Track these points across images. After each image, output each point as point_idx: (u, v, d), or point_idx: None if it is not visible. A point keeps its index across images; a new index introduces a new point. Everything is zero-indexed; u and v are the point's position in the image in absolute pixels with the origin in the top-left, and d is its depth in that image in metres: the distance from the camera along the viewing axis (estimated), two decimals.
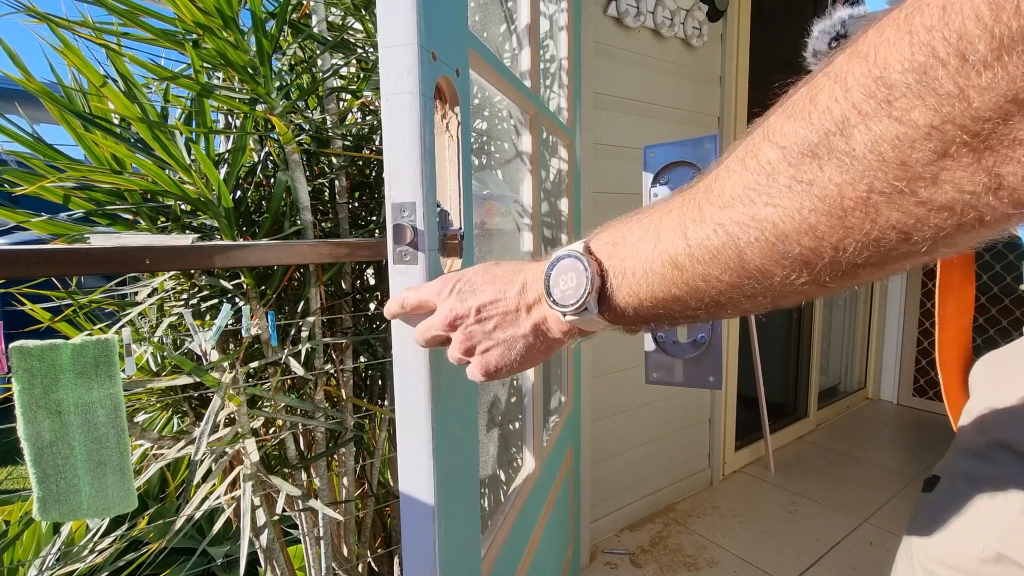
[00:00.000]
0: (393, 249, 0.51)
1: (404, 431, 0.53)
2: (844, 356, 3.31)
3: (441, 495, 0.54)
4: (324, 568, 1.14)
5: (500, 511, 0.92)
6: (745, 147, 0.27)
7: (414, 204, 0.49)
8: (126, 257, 0.69)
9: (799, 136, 0.23)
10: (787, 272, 0.26)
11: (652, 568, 1.75)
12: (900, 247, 0.23)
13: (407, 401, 0.53)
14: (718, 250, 0.28)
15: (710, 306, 0.31)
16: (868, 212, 0.22)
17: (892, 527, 1.94)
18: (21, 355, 0.66)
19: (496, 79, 0.80)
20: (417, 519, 0.54)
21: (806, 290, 0.27)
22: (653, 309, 0.33)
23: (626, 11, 1.69)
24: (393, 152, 0.50)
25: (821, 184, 0.23)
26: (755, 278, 0.27)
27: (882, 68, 0.20)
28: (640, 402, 1.97)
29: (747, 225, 0.26)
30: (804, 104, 0.24)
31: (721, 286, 0.29)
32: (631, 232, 0.33)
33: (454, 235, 0.55)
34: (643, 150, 0.50)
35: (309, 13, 1.16)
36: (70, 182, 0.93)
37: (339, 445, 1.17)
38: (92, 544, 1.08)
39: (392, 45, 0.48)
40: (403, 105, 0.48)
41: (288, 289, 1.14)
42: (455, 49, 0.57)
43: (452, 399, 0.57)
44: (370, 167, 1.33)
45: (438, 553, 0.54)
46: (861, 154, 0.21)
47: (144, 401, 1.10)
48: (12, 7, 0.90)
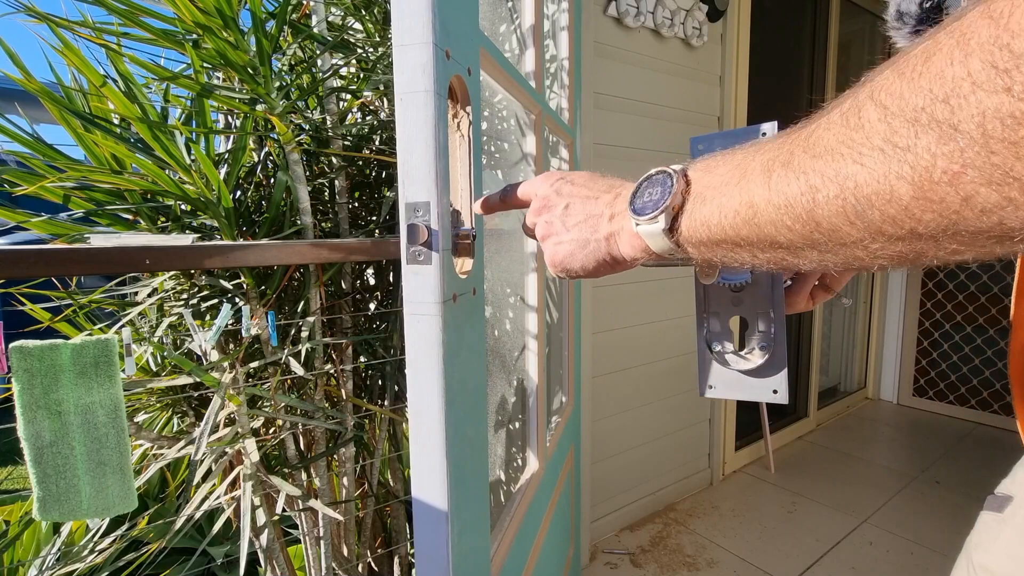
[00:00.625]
0: (407, 249, 0.50)
1: (418, 433, 0.53)
2: (844, 356, 3.31)
3: (454, 498, 0.54)
4: (324, 568, 1.14)
5: (506, 512, 0.92)
6: (852, 101, 0.25)
7: (428, 204, 0.49)
8: (126, 257, 0.69)
9: (904, 99, 0.22)
10: (861, 235, 0.25)
11: (652, 568, 1.75)
12: (992, 231, 0.21)
13: (421, 404, 0.52)
14: (795, 198, 0.27)
15: (777, 252, 0.30)
16: (960, 189, 0.21)
17: (892, 527, 1.94)
18: (21, 355, 0.66)
19: (504, 79, 0.80)
20: (430, 522, 0.54)
21: (884, 255, 0.26)
22: (722, 244, 0.32)
23: (626, 11, 1.69)
24: (407, 151, 0.49)
25: (915, 152, 0.22)
26: (826, 233, 0.26)
27: (1012, 34, 0.18)
28: (640, 402, 1.97)
29: (830, 179, 0.25)
30: (917, 63, 0.22)
31: (791, 236, 0.28)
32: (724, 163, 0.33)
33: (466, 235, 0.55)
34: (690, 142, 0.48)
35: (309, 13, 1.16)
36: (70, 182, 0.93)
37: (339, 445, 1.17)
38: (92, 544, 1.08)
39: (407, 44, 0.48)
40: (418, 104, 0.48)
41: (288, 289, 1.14)
42: (467, 48, 0.57)
43: (465, 400, 0.57)
44: (370, 167, 1.33)
45: (451, 555, 0.54)
46: (965, 127, 0.20)
47: (144, 401, 1.10)
48: (12, 7, 0.90)
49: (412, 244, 0.50)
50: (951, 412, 3.05)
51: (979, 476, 2.31)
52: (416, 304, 0.51)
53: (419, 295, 0.51)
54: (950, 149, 0.21)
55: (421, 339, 0.51)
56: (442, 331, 0.51)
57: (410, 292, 0.51)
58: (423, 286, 0.51)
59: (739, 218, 0.30)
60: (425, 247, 0.49)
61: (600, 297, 1.77)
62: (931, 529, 1.92)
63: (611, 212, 0.40)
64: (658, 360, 2.00)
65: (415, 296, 0.51)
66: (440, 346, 0.51)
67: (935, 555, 1.77)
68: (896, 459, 2.53)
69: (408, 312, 0.52)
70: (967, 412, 2.99)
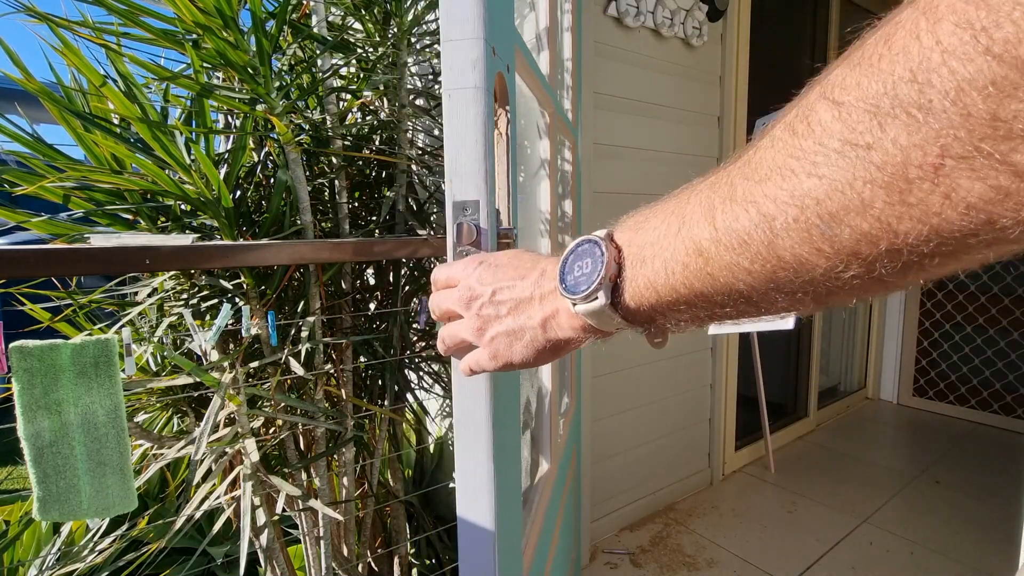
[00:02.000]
0: (454, 249, 0.49)
1: (464, 438, 0.51)
2: (844, 356, 3.31)
3: (499, 517, 0.53)
4: (324, 568, 1.14)
5: (527, 516, 0.92)
6: (797, 110, 0.22)
7: (478, 203, 0.48)
8: (126, 257, 0.69)
9: (862, 88, 0.19)
10: (832, 263, 0.21)
11: (652, 568, 1.75)
12: (981, 232, 0.18)
13: (467, 407, 0.51)
14: (748, 234, 0.23)
15: (739, 303, 0.26)
16: (939, 184, 0.17)
17: (892, 527, 1.94)
18: (21, 355, 0.66)
19: (531, 78, 0.79)
20: (477, 543, 0.53)
21: (858, 286, 0.22)
22: (673, 305, 0.28)
23: (626, 11, 1.69)
24: (456, 149, 0.48)
25: (882, 148, 0.18)
26: (792, 270, 0.22)
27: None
28: (640, 402, 1.97)
29: (784, 203, 0.21)
30: (877, 47, 0.19)
31: (751, 280, 0.24)
32: (655, 215, 0.29)
33: (506, 234, 0.54)
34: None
35: (309, 13, 1.16)
36: (70, 182, 0.93)
37: (339, 445, 1.17)
38: (92, 544, 1.08)
39: (457, 39, 0.47)
40: (467, 101, 0.47)
41: (288, 289, 1.14)
42: (506, 45, 0.56)
43: (504, 405, 0.56)
44: (370, 167, 1.33)
45: (497, 570, 0.53)
46: (939, 106, 0.17)
47: (144, 401, 1.10)
48: (12, 7, 0.90)
49: (460, 244, 0.48)
50: (951, 412, 3.05)
51: (979, 476, 2.31)
52: None
53: None
54: (922, 137, 0.17)
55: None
56: None
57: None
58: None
59: (689, 271, 0.26)
60: (474, 247, 0.48)
61: None
62: (931, 529, 1.92)
63: (540, 293, 0.36)
64: (658, 360, 2.00)
65: None
66: None
67: (935, 555, 1.77)
68: (896, 459, 2.53)
69: None
70: (967, 412, 2.99)
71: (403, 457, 1.34)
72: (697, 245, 0.26)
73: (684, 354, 2.11)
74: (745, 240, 0.23)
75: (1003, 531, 1.89)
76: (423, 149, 1.47)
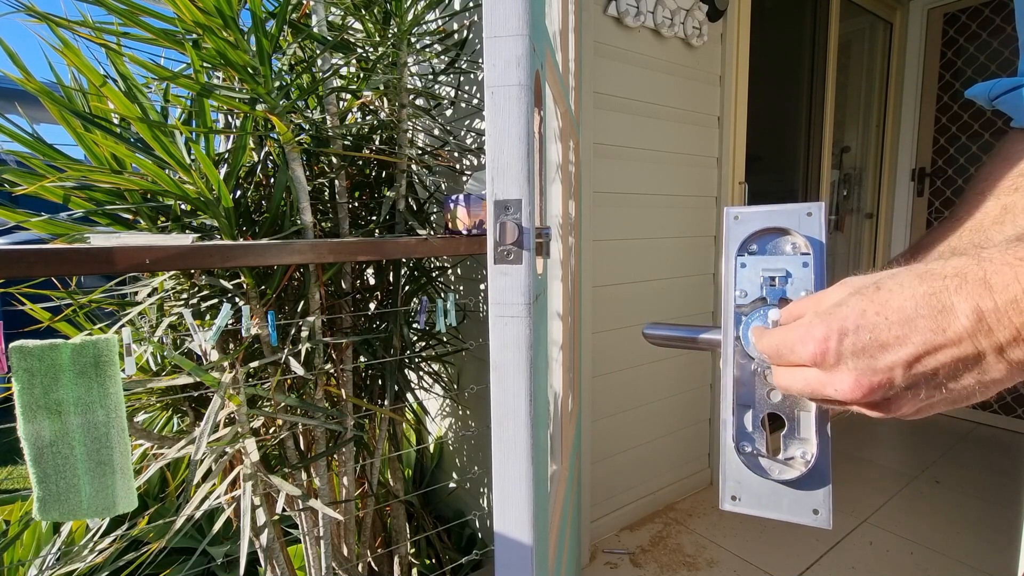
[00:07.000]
0: (494, 248, 0.48)
1: (502, 438, 0.51)
2: None
3: (536, 534, 0.52)
4: (324, 568, 1.14)
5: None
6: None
7: (520, 201, 0.47)
8: (126, 257, 0.69)
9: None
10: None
11: (652, 568, 1.75)
12: None
13: (507, 408, 0.50)
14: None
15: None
16: None
17: (892, 527, 1.94)
18: (21, 355, 0.66)
19: (553, 79, 0.79)
20: (515, 554, 0.52)
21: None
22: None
23: (626, 11, 1.69)
24: (499, 147, 0.47)
25: None
26: None
27: None
28: (640, 402, 1.97)
29: None
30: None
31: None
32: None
33: (541, 233, 0.54)
34: (724, 212, 0.43)
35: (309, 13, 1.16)
36: (70, 182, 0.93)
37: (339, 445, 1.17)
38: (92, 544, 1.08)
39: (501, 35, 0.46)
40: (511, 98, 0.46)
41: (288, 289, 1.14)
42: (541, 45, 0.56)
43: (538, 406, 0.55)
44: (370, 167, 1.33)
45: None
46: None
47: (144, 401, 1.10)
48: (12, 7, 0.90)
49: (502, 243, 0.48)
50: (951, 412, 3.05)
51: (979, 476, 2.31)
52: (505, 306, 0.49)
53: (508, 296, 0.49)
54: None
55: (510, 342, 0.49)
56: (531, 334, 0.49)
57: (498, 293, 0.49)
58: (512, 287, 0.49)
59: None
60: (516, 246, 0.48)
61: (600, 297, 1.77)
62: (931, 529, 1.92)
63: (994, 344, 0.27)
64: (658, 360, 2.00)
65: (503, 297, 0.49)
66: (529, 349, 0.49)
67: (935, 555, 1.77)
68: (896, 459, 2.53)
69: (496, 314, 0.50)
70: (967, 412, 2.99)
71: (403, 457, 1.34)
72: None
73: (684, 353, 2.11)
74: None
75: (1003, 531, 1.89)
76: (423, 149, 1.47)
